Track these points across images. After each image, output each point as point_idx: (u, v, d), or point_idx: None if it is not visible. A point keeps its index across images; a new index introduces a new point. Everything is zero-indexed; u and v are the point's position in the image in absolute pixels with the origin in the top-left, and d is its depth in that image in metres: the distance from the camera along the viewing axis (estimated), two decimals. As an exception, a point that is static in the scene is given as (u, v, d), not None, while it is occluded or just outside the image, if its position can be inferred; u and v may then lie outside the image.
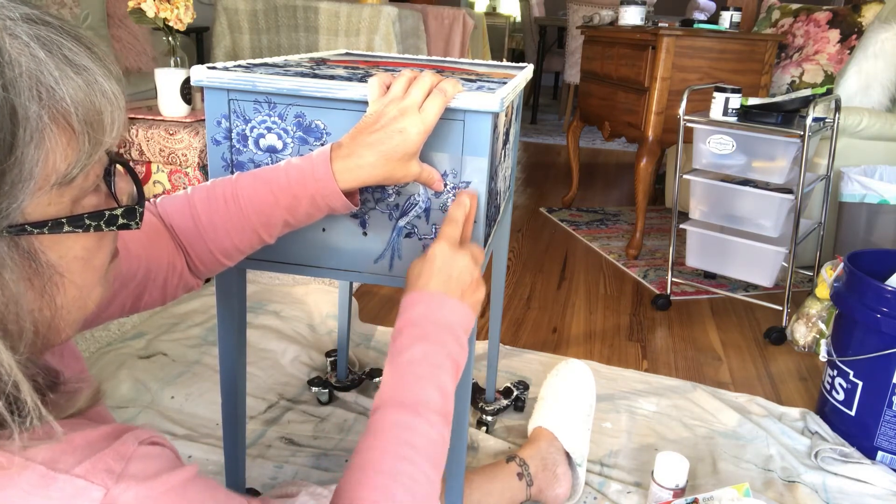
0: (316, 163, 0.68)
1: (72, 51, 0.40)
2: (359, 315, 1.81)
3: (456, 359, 0.66)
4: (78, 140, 0.40)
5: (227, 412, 0.96)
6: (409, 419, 0.60)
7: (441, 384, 0.63)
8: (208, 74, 0.75)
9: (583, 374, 1.26)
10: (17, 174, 0.37)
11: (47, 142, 0.38)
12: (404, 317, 0.67)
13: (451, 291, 0.67)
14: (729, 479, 1.24)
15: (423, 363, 0.64)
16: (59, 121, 0.39)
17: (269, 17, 2.76)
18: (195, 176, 1.76)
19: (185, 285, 0.73)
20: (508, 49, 6.04)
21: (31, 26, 0.38)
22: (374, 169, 0.68)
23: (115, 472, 0.39)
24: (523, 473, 1.12)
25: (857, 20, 2.49)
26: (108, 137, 0.42)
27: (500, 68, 1.13)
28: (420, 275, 0.68)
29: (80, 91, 0.40)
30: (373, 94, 0.71)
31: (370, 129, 0.68)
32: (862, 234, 2.02)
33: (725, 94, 1.83)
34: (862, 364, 1.33)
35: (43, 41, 0.39)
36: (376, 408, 0.62)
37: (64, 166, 0.40)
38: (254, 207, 0.69)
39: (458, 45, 3.16)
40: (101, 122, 0.41)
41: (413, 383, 0.62)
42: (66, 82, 0.39)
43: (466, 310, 0.68)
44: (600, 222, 2.84)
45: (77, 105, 0.39)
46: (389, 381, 0.63)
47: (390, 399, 0.62)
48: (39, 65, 0.38)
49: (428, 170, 0.73)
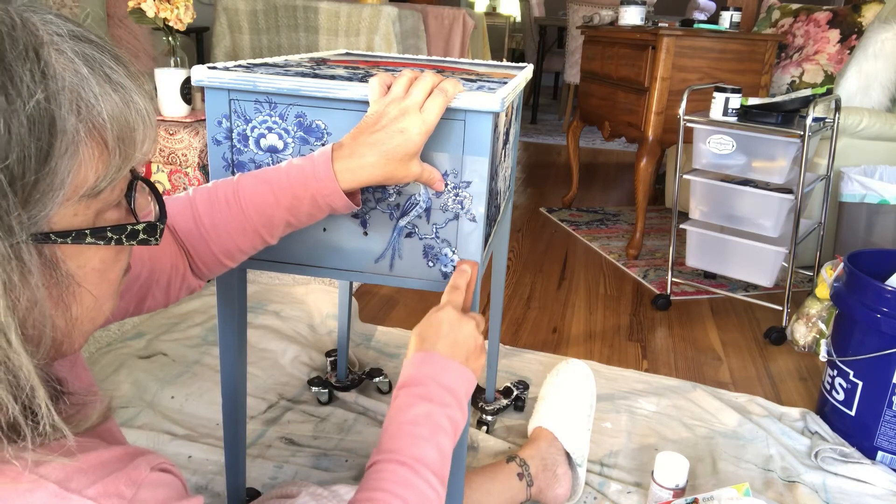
0: (317, 163, 0.68)
1: (111, 69, 0.41)
2: (359, 315, 1.81)
3: (456, 422, 0.67)
4: (110, 155, 0.41)
5: (227, 412, 0.96)
6: (409, 476, 0.61)
7: (441, 446, 0.65)
8: (209, 74, 0.75)
9: (583, 374, 1.26)
10: (48, 183, 0.37)
11: (81, 154, 0.39)
12: (409, 375, 0.68)
13: (456, 356, 0.69)
14: (729, 479, 1.24)
15: (425, 423, 0.65)
16: (94, 135, 0.40)
17: (269, 17, 2.76)
18: (195, 176, 1.76)
19: (187, 287, 0.73)
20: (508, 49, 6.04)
21: (76, 43, 0.40)
22: (375, 169, 0.68)
23: (125, 497, 0.39)
24: (523, 473, 1.12)
25: (857, 20, 2.49)
26: (139, 154, 0.43)
27: (500, 68, 1.13)
28: (427, 338, 0.70)
29: (117, 108, 0.41)
30: (374, 94, 0.71)
31: (371, 129, 0.68)
32: (862, 234, 2.02)
33: (725, 94, 1.83)
34: (862, 364, 1.33)
35: (86, 58, 0.40)
36: (375, 461, 0.63)
37: (93, 179, 0.40)
38: (255, 208, 0.69)
39: (458, 45, 3.16)
40: (133, 139, 0.42)
41: (414, 442, 0.64)
42: (104, 98, 0.40)
43: (469, 374, 0.70)
44: (600, 222, 2.84)
45: (113, 121, 0.40)
46: (391, 437, 0.64)
47: (391, 455, 0.63)
48: (81, 80, 0.39)
49: (429, 169, 0.73)
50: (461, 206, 0.76)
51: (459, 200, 0.76)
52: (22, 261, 0.37)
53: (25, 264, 0.37)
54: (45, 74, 0.36)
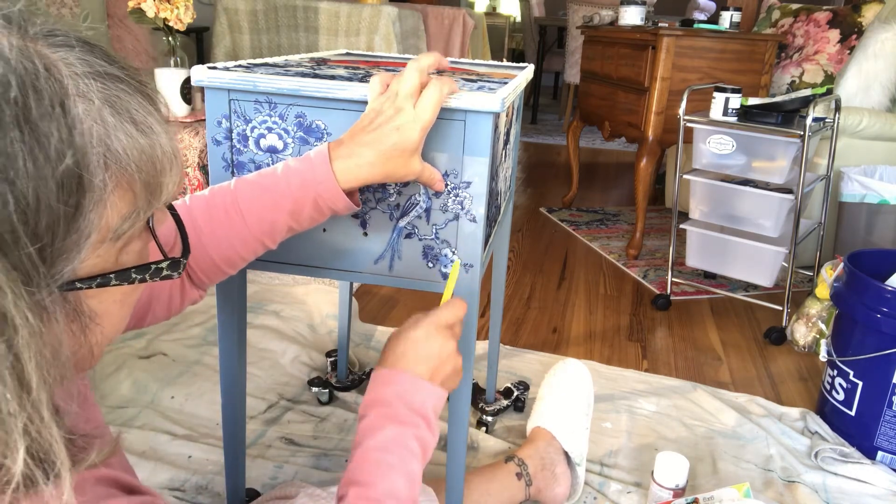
0: (315, 164, 0.67)
1: (136, 110, 0.39)
2: (359, 315, 1.81)
3: (426, 443, 0.66)
4: (136, 200, 0.40)
5: (227, 412, 0.96)
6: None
7: (410, 472, 0.63)
8: (209, 74, 0.75)
9: (580, 374, 1.26)
10: (75, 239, 0.36)
11: (108, 205, 0.38)
12: (377, 393, 0.66)
13: (428, 376, 0.67)
14: (729, 479, 1.24)
15: (394, 449, 0.63)
16: (121, 184, 0.39)
17: (269, 17, 2.76)
18: (195, 176, 1.76)
19: (189, 299, 0.72)
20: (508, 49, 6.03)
21: (101, 83, 0.38)
22: (373, 168, 0.67)
23: None
24: (522, 473, 1.12)
25: (857, 20, 2.49)
26: (165, 195, 0.42)
27: (500, 68, 1.13)
28: (403, 355, 0.67)
29: (144, 154, 0.39)
30: (373, 92, 0.70)
31: (368, 127, 0.68)
32: (862, 234, 2.02)
33: (725, 94, 1.83)
34: (862, 364, 1.33)
35: (112, 102, 0.38)
36: (342, 495, 0.61)
37: (118, 223, 0.39)
38: (256, 215, 0.68)
39: (458, 45, 3.16)
40: (160, 183, 0.41)
41: (382, 472, 0.62)
42: (131, 146, 0.39)
43: (440, 392, 0.68)
44: (600, 222, 2.84)
45: (140, 168, 0.39)
46: (360, 467, 0.62)
47: (357, 489, 0.61)
48: (108, 130, 0.37)
49: (429, 169, 0.72)
50: (461, 207, 0.76)
51: (459, 201, 0.76)
52: (47, 312, 0.36)
53: (50, 315, 0.36)
54: (72, 130, 0.35)
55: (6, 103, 0.32)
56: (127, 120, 0.39)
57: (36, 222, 0.33)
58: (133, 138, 0.39)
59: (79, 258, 0.37)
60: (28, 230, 0.33)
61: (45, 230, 0.34)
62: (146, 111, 0.40)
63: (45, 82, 0.34)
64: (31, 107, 0.33)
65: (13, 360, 0.33)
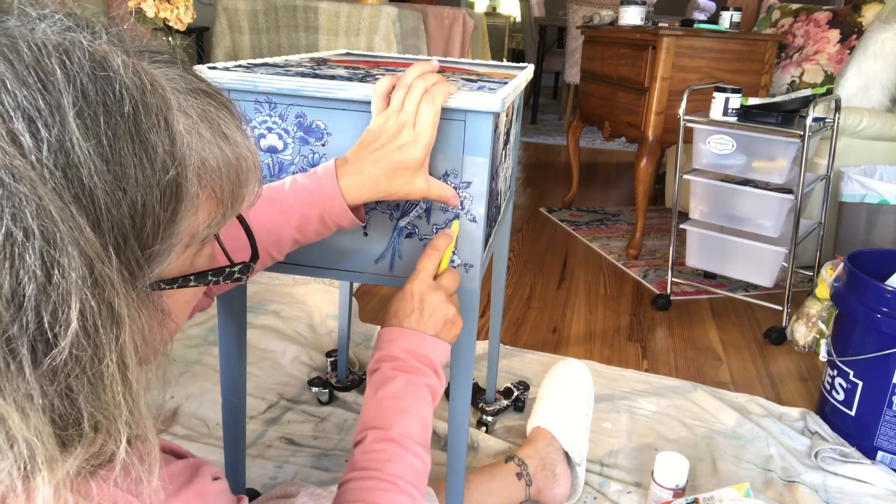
0: (323, 181, 0.69)
1: (225, 124, 0.42)
2: (359, 315, 1.81)
3: (435, 390, 0.70)
4: (219, 207, 0.43)
5: (227, 412, 0.96)
6: (398, 452, 0.64)
7: (422, 415, 0.68)
8: (209, 74, 0.75)
9: (580, 374, 1.26)
10: (169, 244, 0.39)
11: (198, 212, 0.41)
12: (383, 351, 0.70)
13: (427, 329, 0.71)
14: (729, 479, 1.24)
15: (405, 395, 0.67)
16: (210, 192, 0.41)
17: (269, 17, 2.76)
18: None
19: (199, 306, 0.74)
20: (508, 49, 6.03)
21: (196, 99, 0.41)
22: (378, 185, 0.69)
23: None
24: (522, 473, 1.12)
25: (857, 20, 2.49)
26: (246, 204, 0.45)
27: (500, 68, 1.13)
28: (397, 312, 0.72)
29: (231, 166, 0.42)
30: (375, 108, 0.71)
31: (372, 145, 0.69)
32: (862, 234, 2.02)
33: (725, 94, 1.83)
34: (862, 364, 1.33)
35: (206, 116, 0.41)
36: (360, 440, 0.65)
37: (202, 228, 0.42)
38: (264, 228, 0.69)
39: (458, 45, 3.16)
40: (242, 193, 0.44)
41: (398, 416, 0.66)
42: (222, 158, 0.41)
43: (442, 345, 0.72)
44: (600, 222, 2.84)
45: (226, 179, 0.42)
46: (375, 413, 0.66)
47: (378, 432, 0.65)
48: (203, 143, 0.40)
49: (438, 186, 0.72)
50: (461, 207, 0.76)
51: (460, 201, 0.76)
52: (142, 310, 0.38)
53: (142, 312, 0.38)
54: (174, 143, 0.37)
55: (120, 117, 0.34)
56: (218, 134, 0.41)
57: (142, 227, 0.36)
58: (223, 151, 0.41)
59: (168, 261, 0.39)
60: (136, 234, 0.35)
61: (148, 234, 0.36)
62: (234, 125, 0.43)
63: (150, 97, 0.36)
64: (142, 121, 0.35)
65: (120, 354, 0.35)
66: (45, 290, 0.31)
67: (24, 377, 0.31)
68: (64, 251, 0.31)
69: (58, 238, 0.31)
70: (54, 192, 0.32)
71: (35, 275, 0.31)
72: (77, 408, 0.33)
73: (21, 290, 0.31)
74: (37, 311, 0.31)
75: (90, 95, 0.34)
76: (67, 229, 0.32)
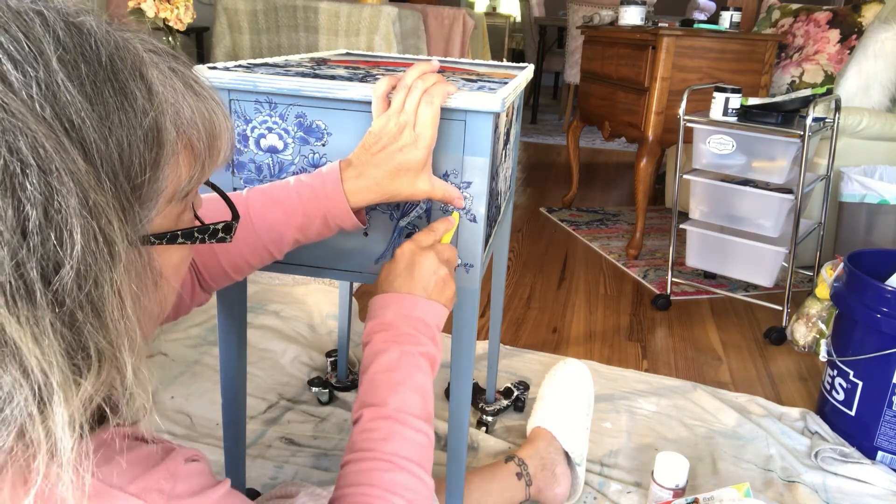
0: (327, 183, 0.69)
1: (195, 80, 0.45)
2: (359, 315, 1.81)
3: (432, 356, 0.68)
4: (196, 160, 0.45)
5: (228, 412, 0.96)
6: (396, 428, 0.62)
7: (420, 386, 0.65)
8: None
9: (580, 374, 1.26)
10: (156, 190, 0.40)
11: (179, 162, 0.43)
12: (376, 320, 0.68)
13: (416, 290, 0.69)
14: (729, 479, 1.24)
15: (399, 367, 0.65)
16: (187, 143, 0.44)
17: (269, 17, 2.76)
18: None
19: (196, 301, 0.74)
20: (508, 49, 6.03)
21: (166, 59, 0.44)
22: (381, 187, 0.69)
23: (165, 491, 0.41)
24: (522, 473, 1.12)
25: (857, 20, 2.49)
26: (222, 158, 0.47)
27: (500, 68, 1.13)
28: (388, 275, 0.70)
29: (205, 118, 0.45)
30: (376, 110, 0.71)
31: (373, 147, 0.69)
32: (862, 234, 2.02)
33: (725, 94, 1.83)
34: (862, 364, 1.33)
35: (176, 72, 0.44)
36: (358, 417, 0.63)
37: (184, 183, 0.44)
38: (266, 226, 0.70)
39: (458, 45, 3.16)
40: (217, 147, 0.46)
41: (393, 390, 0.64)
42: (196, 111, 0.44)
43: (437, 306, 0.70)
44: (600, 222, 2.84)
45: (201, 131, 0.44)
46: (370, 388, 0.64)
47: (374, 410, 0.63)
48: (177, 95, 0.43)
49: (442, 187, 0.72)
50: (461, 207, 0.76)
51: (460, 201, 0.76)
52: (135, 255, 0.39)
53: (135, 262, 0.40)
54: (150, 91, 0.39)
55: (98, 65, 0.37)
56: (189, 88, 0.44)
57: (130, 164, 0.38)
58: (195, 103, 0.44)
59: (155, 209, 0.41)
60: (125, 171, 0.37)
61: (136, 173, 0.38)
62: (202, 82, 0.46)
63: (124, 52, 0.39)
64: (119, 69, 0.38)
65: (118, 284, 0.36)
66: (48, 215, 0.33)
67: (34, 301, 0.33)
68: (60, 180, 0.33)
69: (53, 168, 0.33)
70: (46, 126, 0.33)
71: (36, 201, 0.32)
72: (83, 337, 0.35)
73: (24, 216, 0.32)
74: (42, 234, 0.33)
75: (68, 45, 0.36)
76: (61, 160, 0.33)
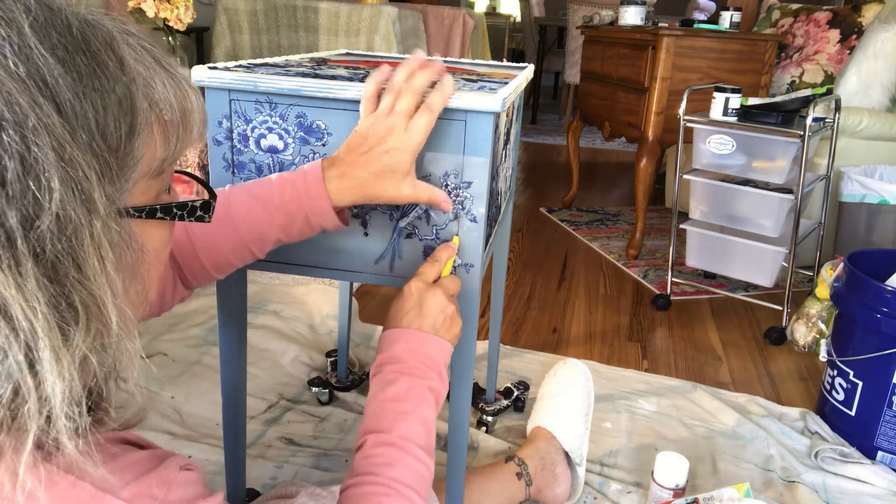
0: (309, 182, 0.68)
1: (163, 56, 0.46)
2: (359, 315, 1.81)
3: (438, 392, 0.69)
4: (169, 136, 0.45)
5: (228, 412, 0.96)
6: (398, 456, 0.63)
7: (425, 418, 0.67)
8: (209, 74, 0.75)
9: (580, 374, 1.26)
10: (132, 158, 0.41)
11: (152, 133, 0.43)
12: (385, 353, 0.70)
13: (425, 326, 0.71)
14: (729, 479, 1.24)
15: (407, 398, 0.67)
16: (160, 118, 0.44)
17: (269, 17, 2.76)
18: (195, 176, 1.76)
19: (179, 296, 0.74)
20: (508, 49, 6.03)
21: (136, 39, 0.45)
22: (364, 188, 0.68)
23: (157, 498, 0.41)
24: (522, 473, 1.12)
25: (857, 20, 2.49)
26: (194, 135, 0.48)
27: (500, 68, 1.13)
28: (397, 312, 0.72)
29: (177, 95, 0.45)
30: (364, 110, 0.70)
31: (360, 148, 0.68)
32: (862, 234, 2.02)
33: (725, 94, 1.83)
34: (862, 364, 1.33)
35: (147, 51, 0.45)
36: (361, 444, 0.64)
37: (159, 159, 0.45)
38: (247, 225, 0.69)
39: (458, 45, 3.16)
40: (189, 123, 0.47)
41: (399, 419, 0.65)
42: (167, 86, 0.45)
43: (444, 344, 0.71)
44: (600, 222, 2.84)
45: (172, 107, 0.45)
46: (376, 416, 0.66)
47: (378, 436, 0.64)
48: (148, 70, 0.44)
49: (426, 190, 0.71)
50: (462, 207, 0.76)
51: (460, 201, 0.76)
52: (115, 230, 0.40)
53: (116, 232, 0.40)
54: (122, 63, 0.41)
55: (70, 35, 0.38)
56: (158, 63, 0.45)
57: (105, 126, 0.38)
58: (167, 80, 0.45)
59: (132, 180, 0.41)
60: (100, 130, 0.38)
61: (111, 135, 0.39)
62: (173, 65, 0.47)
63: (95, 28, 0.40)
64: (90, 41, 0.39)
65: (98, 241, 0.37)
66: (25, 165, 0.34)
67: (15, 247, 0.34)
68: (37, 132, 0.34)
69: (29, 123, 0.34)
70: (20, 83, 0.34)
71: (13, 153, 0.33)
72: (66, 289, 0.36)
73: (3, 167, 0.33)
74: (21, 184, 0.34)
75: (39, 16, 0.37)
76: (36, 116, 0.34)
